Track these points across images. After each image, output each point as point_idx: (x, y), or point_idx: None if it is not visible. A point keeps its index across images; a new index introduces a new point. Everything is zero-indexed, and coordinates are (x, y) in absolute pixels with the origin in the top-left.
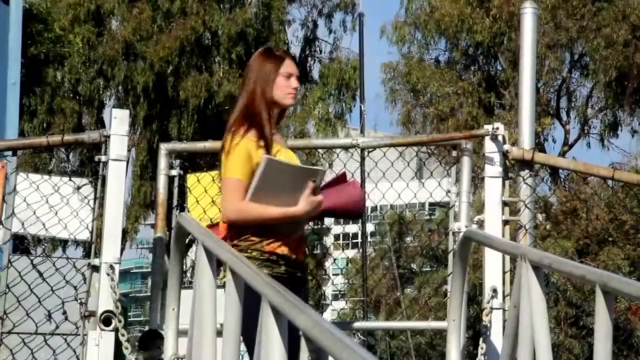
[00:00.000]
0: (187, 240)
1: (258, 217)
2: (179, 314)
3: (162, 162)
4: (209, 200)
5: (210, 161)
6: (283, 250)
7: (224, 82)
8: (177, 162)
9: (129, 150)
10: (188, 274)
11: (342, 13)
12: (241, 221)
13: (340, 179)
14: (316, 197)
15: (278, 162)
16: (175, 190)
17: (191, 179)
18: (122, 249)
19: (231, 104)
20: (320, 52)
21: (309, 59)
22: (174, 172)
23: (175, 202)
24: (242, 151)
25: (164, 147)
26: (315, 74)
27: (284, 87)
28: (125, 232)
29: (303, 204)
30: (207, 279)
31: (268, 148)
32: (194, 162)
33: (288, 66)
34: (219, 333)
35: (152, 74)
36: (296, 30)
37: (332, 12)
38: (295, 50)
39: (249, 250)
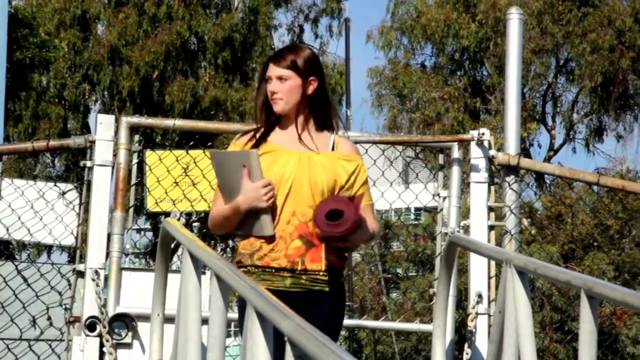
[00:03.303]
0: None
1: (218, 219)
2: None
3: (123, 136)
4: (172, 180)
5: (179, 141)
6: (280, 261)
7: (210, 87)
8: (136, 137)
9: (114, 156)
10: (175, 258)
11: (329, 18)
12: (213, 228)
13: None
14: (252, 182)
15: (218, 153)
16: (134, 167)
17: (151, 157)
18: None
19: (217, 109)
20: None
21: None
22: (137, 147)
23: (134, 180)
24: None
25: (125, 121)
26: None
27: (268, 92)
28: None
29: (240, 193)
30: (193, 285)
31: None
32: (156, 143)
33: (269, 70)
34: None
35: (137, 78)
36: (282, 35)
37: (319, 17)
38: None
39: (245, 266)
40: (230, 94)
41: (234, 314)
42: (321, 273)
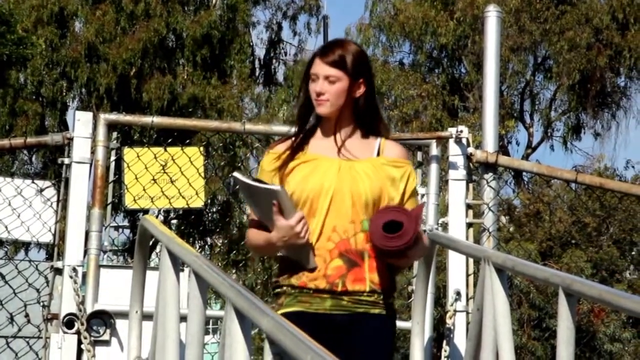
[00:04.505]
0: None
1: (255, 245)
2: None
3: (101, 134)
4: (150, 178)
5: (157, 138)
6: (318, 282)
7: (188, 85)
8: (114, 134)
9: (92, 153)
10: (153, 255)
11: (307, 15)
12: (251, 250)
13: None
14: (283, 220)
15: (242, 182)
16: (112, 165)
17: (129, 154)
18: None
19: (195, 106)
20: (285, 54)
21: (274, 61)
22: (114, 144)
23: (112, 177)
24: (259, 171)
25: (103, 118)
26: (280, 76)
27: (311, 92)
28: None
29: (274, 230)
30: (171, 283)
31: (289, 160)
32: (135, 141)
33: (314, 66)
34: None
35: (115, 76)
36: (261, 32)
37: (297, 15)
38: (260, 52)
39: (281, 286)
40: (209, 91)
41: (212, 312)
42: (365, 294)
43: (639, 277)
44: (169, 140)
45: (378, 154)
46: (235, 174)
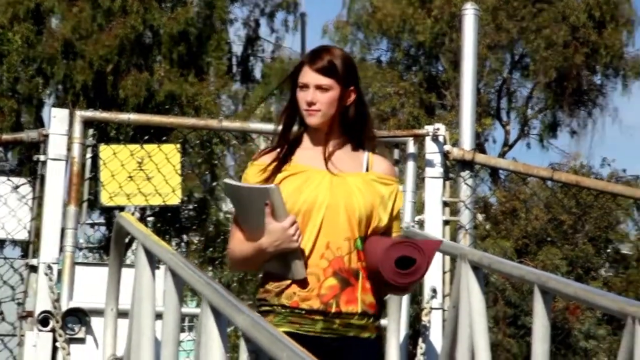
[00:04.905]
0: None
1: (238, 259)
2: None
3: (77, 131)
4: (126, 175)
5: (134, 135)
6: (311, 302)
7: (165, 82)
8: (91, 131)
9: (68, 150)
10: (129, 252)
11: (284, 12)
12: (232, 266)
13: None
14: (275, 223)
15: (232, 185)
16: (89, 162)
17: (105, 151)
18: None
19: (172, 104)
20: (263, 51)
21: (251, 58)
22: (90, 141)
23: (88, 174)
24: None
25: (79, 115)
26: (258, 73)
27: (300, 101)
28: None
29: (265, 234)
30: (147, 280)
31: (276, 171)
32: (111, 138)
33: (304, 75)
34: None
35: (91, 72)
36: (238, 29)
37: (274, 12)
38: (237, 49)
39: (268, 304)
40: (185, 88)
41: (188, 309)
42: (356, 317)
43: (614, 275)
44: (146, 138)
45: (367, 169)
46: (226, 179)
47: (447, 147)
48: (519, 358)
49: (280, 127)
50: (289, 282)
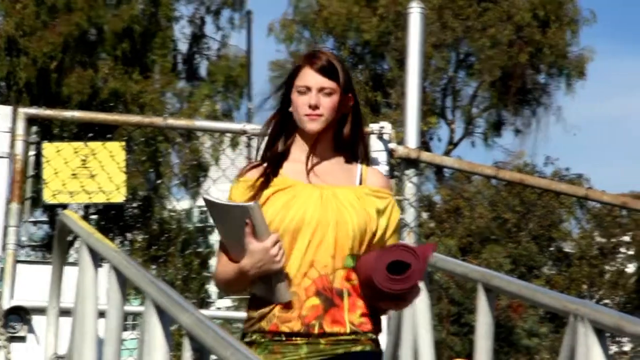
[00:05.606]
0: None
1: (223, 280)
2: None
3: (20, 128)
4: (70, 172)
5: (78, 133)
6: (292, 325)
7: (109, 79)
8: (34, 128)
9: (11, 147)
10: (72, 250)
11: (230, 10)
12: (220, 287)
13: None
14: (257, 243)
15: (211, 202)
16: (32, 159)
17: (49, 148)
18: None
19: (116, 101)
20: (208, 49)
21: (197, 56)
22: (34, 139)
23: (31, 172)
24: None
25: (22, 112)
26: (203, 71)
27: (299, 105)
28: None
29: (247, 255)
30: (90, 278)
31: (263, 187)
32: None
33: (304, 77)
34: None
35: (35, 69)
36: (184, 27)
37: (220, 9)
38: (183, 47)
39: (249, 334)
40: (130, 86)
41: (131, 307)
42: (344, 336)
43: (557, 273)
44: (90, 135)
45: (360, 182)
46: (206, 195)
47: (392, 145)
48: (462, 356)
49: (266, 139)
50: (272, 306)
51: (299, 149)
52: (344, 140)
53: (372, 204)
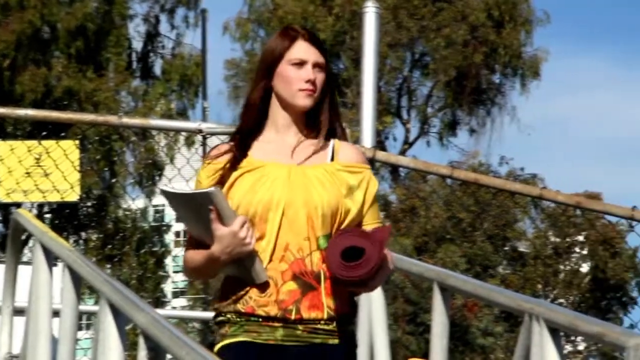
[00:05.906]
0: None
1: (194, 267)
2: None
3: None
4: (23, 171)
5: (31, 131)
6: (268, 309)
7: (63, 77)
8: None
9: None
10: (25, 249)
11: (185, 9)
12: (189, 274)
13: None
14: (224, 228)
15: (171, 192)
16: None
17: (2, 147)
18: None
19: (70, 99)
20: (163, 47)
21: (151, 54)
22: None
23: None
24: (196, 186)
25: None
26: (158, 70)
27: (293, 79)
28: None
29: (215, 242)
30: (44, 277)
31: (231, 169)
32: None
33: (299, 49)
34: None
35: None
36: (138, 25)
37: (175, 8)
38: (137, 45)
39: (223, 314)
40: (84, 84)
41: (85, 306)
42: (322, 323)
43: (512, 272)
44: (44, 134)
45: (332, 159)
46: (162, 187)
47: None
48: (418, 355)
49: (242, 118)
50: (247, 288)
51: (273, 128)
52: (318, 117)
53: (344, 180)
